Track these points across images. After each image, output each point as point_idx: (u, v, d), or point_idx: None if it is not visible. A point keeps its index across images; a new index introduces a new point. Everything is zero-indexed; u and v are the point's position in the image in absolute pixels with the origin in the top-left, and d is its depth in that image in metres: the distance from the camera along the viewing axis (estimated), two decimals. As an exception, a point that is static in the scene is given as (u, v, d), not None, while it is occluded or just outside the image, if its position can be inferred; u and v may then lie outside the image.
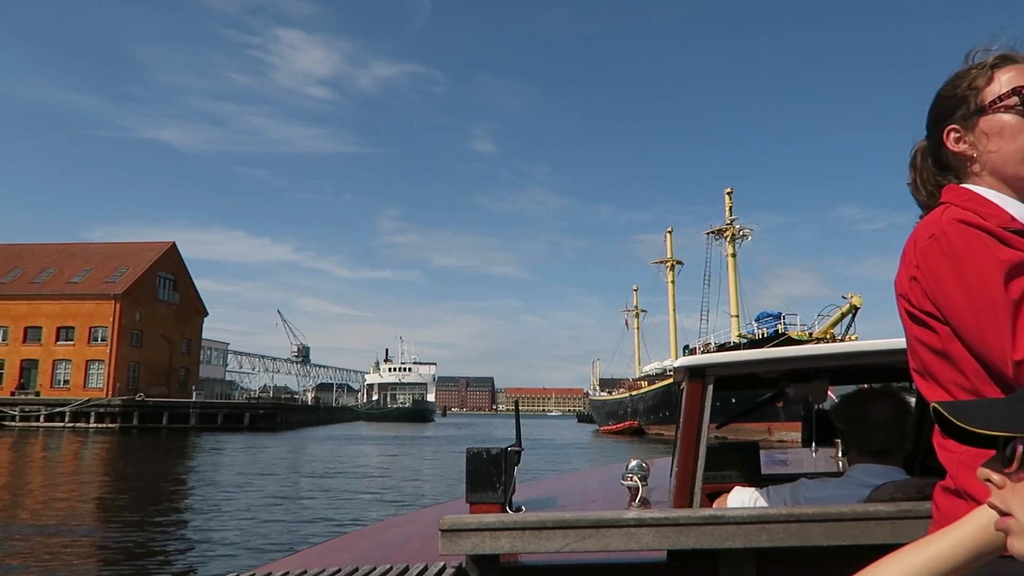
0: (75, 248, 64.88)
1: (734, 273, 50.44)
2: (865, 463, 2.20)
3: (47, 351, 57.53)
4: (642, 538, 2.01)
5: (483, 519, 2.09)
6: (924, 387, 1.11)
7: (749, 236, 50.07)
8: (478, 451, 2.73)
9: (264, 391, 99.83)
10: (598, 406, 76.35)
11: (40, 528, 11.68)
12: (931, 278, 1.04)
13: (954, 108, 1.18)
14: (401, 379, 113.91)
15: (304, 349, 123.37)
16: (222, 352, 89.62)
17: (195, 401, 51.67)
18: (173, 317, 64.85)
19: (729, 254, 50.69)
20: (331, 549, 3.49)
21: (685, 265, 64.09)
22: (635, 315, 76.99)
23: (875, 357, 2.25)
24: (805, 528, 1.96)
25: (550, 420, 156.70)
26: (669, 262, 63.47)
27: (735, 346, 43.79)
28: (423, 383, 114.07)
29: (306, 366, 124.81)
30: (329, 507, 14.87)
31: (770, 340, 39.82)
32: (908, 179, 1.31)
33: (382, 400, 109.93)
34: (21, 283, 60.08)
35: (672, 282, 63.28)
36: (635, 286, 78.44)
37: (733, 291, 50.15)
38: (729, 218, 50.60)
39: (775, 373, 2.67)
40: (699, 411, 2.31)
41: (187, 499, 16.32)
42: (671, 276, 63.45)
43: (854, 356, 2.31)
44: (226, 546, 10.74)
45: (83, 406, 47.89)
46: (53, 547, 10.31)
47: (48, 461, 26.57)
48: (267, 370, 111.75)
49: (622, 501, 3.08)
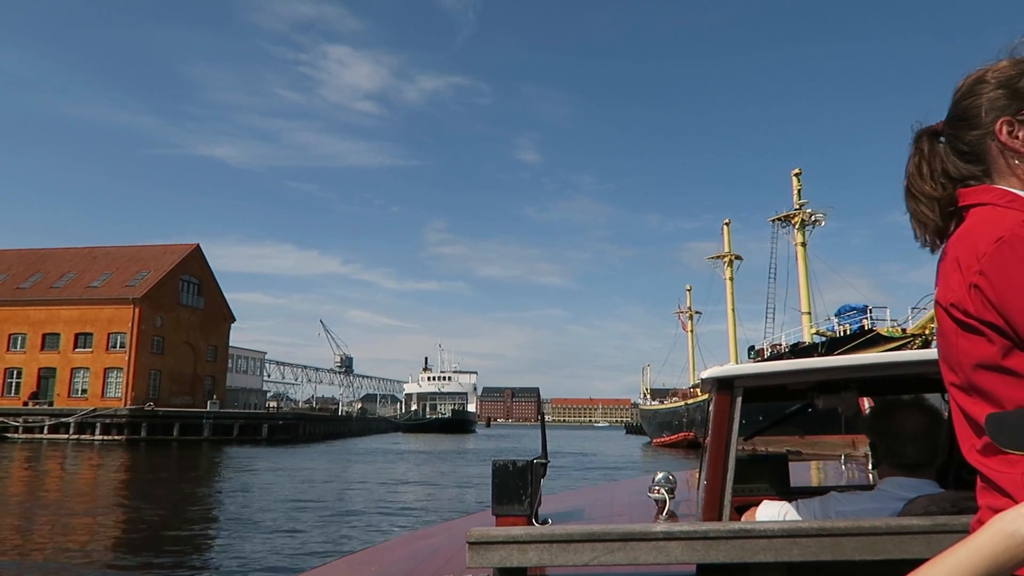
0: (98, 252, 62.21)
1: (804, 264, 44.58)
2: (897, 476, 2.16)
3: (65, 359, 54.66)
4: (671, 552, 1.98)
5: (510, 531, 2.07)
6: (968, 402, 1.03)
7: (822, 221, 44.07)
8: (504, 463, 2.80)
9: (308, 402, 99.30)
10: (649, 416, 70.51)
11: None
12: (1003, 284, 0.95)
13: (1010, 101, 1.11)
14: (441, 388, 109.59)
15: (347, 359, 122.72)
16: (259, 362, 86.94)
17: (208, 411, 47.68)
18: (198, 323, 61.57)
19: (798, 243, 44.82)
20: (358, 562, 3.47)
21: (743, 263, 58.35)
22: (689, 317, 71.03)
23: (907, 368, 2.24)
24: (837, 542, 1.91)
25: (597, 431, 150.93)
26: (727, 257, 57.61)
27: (810, 346, 38.09)
28: (463, 392, 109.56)
29: (349, 376, 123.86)
30: (355, 520, 14.86)
31: (854, 338, 34.12)
32: (909, 167, 1.20)
33: (421, 410, 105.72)
34: (40, 288, 57.51)
35: (730, 279, 57.43)
36: (688, 286, 72.58)
37: (804, 285, 44.28)
38: (798, 202, 44.76)
39: (805, 384, 2.58)
40: (728, 423, 2.31)
41: (196, 521, 15.26)
42: (729, 272, 57.60)
43: (886, 367, 2.28)
44: (250, 561, 10.59)
45: (88, 416, 44.45)
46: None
47: (20, 482, 22.75)
48: (309, 380, 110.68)
49: (649, 514, 3.17)
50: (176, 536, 12.80)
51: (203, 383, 61.45)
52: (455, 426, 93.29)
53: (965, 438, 1.05)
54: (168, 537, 12.66)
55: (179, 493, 20.23)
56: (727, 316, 56.95)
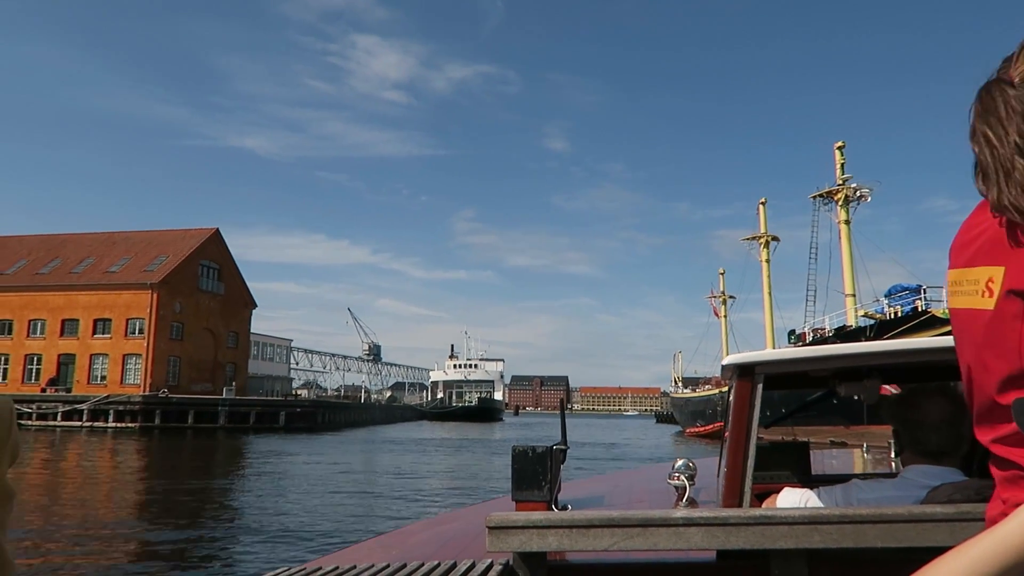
0: (117, 237, 61.34)
1: (848, 244, 41.74)
2: (921, 464, 2.15)
3: (84, 345, 53.86)
4: (691, 538, 1.98)
5: (530, 517, 2.07)
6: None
7: (868, 197, 41.11)
8: (523, 449, 2.85)
9: (337, 390, 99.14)
10: (681, 405, 68.00)
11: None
12: None
13: None
14: (467, 376, 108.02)
15: (375, 348, 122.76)
16: (285, 349, 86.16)
17: (224, 398, 46.30)
18: (218, 309, 60.45)
19: (842, 220, 41.93)
20: (380, 545, 3.54)
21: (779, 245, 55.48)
22: (722, 302, 68.11)
23: (932, 355, 2.22)
24: (859, 529, 1.91)
25: (626, 420, 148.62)
26: (763, 238, 54.68)
27: (857, 329, 35.47)
28: (490, 380, 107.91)
29: (377, 365, 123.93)
30: (376, 504, 15.03)
31: (906, 320, 31.47)
32: (985, 132, 0.91)
33: (447, 398, 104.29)
34: (59, 274, 56.77)
35: (767, 261, 54.53)
36: (721, 269, 69.32)
37: (848, 265, 41.46)
38: (841, 177, 41.88)
39: (826, 371, 2.58)
40: (749, 410, 2.30)
41: (218, 508, 15.26)
42: (765, 254, 54.66)
43: (909, 354, 2.27)
44: (273, 543, 10.70)
45: (101, 403, 43.33)
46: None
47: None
48: (338, 368, 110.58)
49: (668, 500, 3.20)
50: (186, 524, 12.60)
51: (224, 370, 60.36)
52: (481, 414, 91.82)
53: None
54: (178, 525, 12.45)
55: (186, 482, 19.65)
56: (763, 300, 54.18)
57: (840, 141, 42.25)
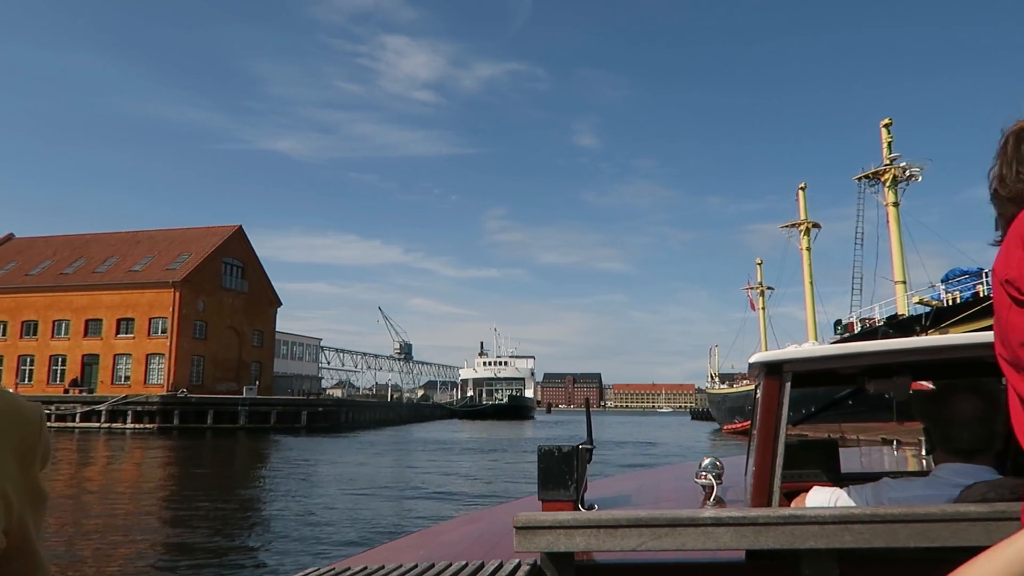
0: (141, 236, 60.79)
1: (897, 227, 39.00)
2: (953, 462, 2.11)
3: (107, 345, 53.26)
4: (719, 537, 1.97)
5: (558, 517, 2.07)
6: (1019, 381, 1.01)
7: (918, 176, 38.33)
8: (549, 449, 2.82)
9: (369, 389, 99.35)
10: (718, 401, 65.46)
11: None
12: None
13: None
14: (497, 373, 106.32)
15: (406, 346, 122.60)
16: (314, 348, 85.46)
17: (244, 398, 45.11)
18: (242, 307, 59.50)
19: (889, 203, 39.22)
20: (407, 545, 3.57)
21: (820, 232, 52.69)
22: (760, 293, 65.24)
23: (964, 352, 2.18)
24: (891, 529, 1.89)
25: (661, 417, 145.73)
26: (803, 225, 51.98)
27: (911, 318, 32.93)
28: (520, 378, 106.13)
29: (408, 363, 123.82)
30: (402, 504, 15.08)
31: (965, 307, 28.95)
32: (993, 170, 1.15)
33: (477, 396, 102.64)
34: (83, 274, 56.30)
35: (807, 249, 51.85)
36: (759, 259, 66.30)
37: (897, 250, 38.76)
38: (888, 156, 39.21)
39: (855, 368, 2.53)
40: (777, 408, 2.28)
41: (246, 506, 15.62)
42: (806, 242, 51.96)
43: (941, 351, 2.23)
44: (301, 543, 10.76)
45: (119, 404, 42.42)
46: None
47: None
48: (369, 367, 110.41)
49: (696, 500, 3.16)
50: (208, 525, 12.55)
51: (249, 369, 59.44)
52: (512, 412, 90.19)
53: (1019, 420, 1.03)
54: (199, 527, 12.38)
55: (206, 483, 19.34)
56: (804, 291, 51.53)
57: (887, 118, 39.58)
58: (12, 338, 54.80)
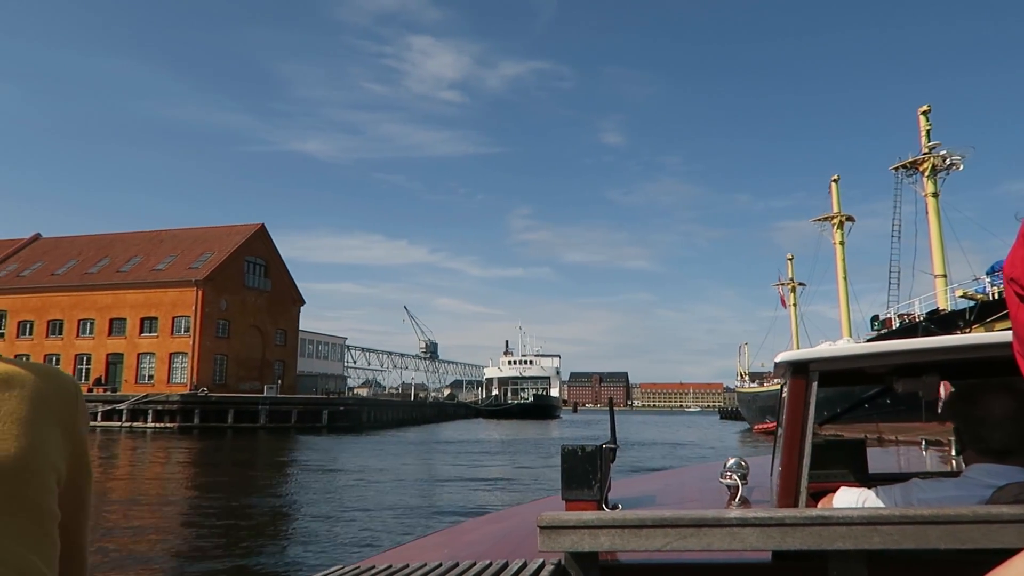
0: (165, 235, 60.88)
1: (937, 218, 37.34)
2: (984, 463, 2.07)
3: (131, 344, 53.32)
4: (746, 538, 1.95)
5: (582, 516, 2.06)
6: None
7: (959, 165, 36.66)
8: (573, 448, 2.80)
9: (396, 388, 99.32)
10: (748, 400, 63.82)
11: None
12: None
13: None
14: (522, 372, 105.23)
15: (432, 345, 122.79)
16: (339, 347, 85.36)
17: (264, 397, 44.68)
18: (265, 306, 59.32)
19: (928, 193, 37.61)
20: (431, 544, 3.52)
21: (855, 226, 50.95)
22: (791, 289, 63.50)
23: (994, 351, 2.13)
24: (921, 530, 1.85)
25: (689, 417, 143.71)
26: (836, 218, 50.27)
27: (953, 313, 31.38)
28: (546, 376, 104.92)
29: (434, 362, 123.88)
30: (428, 502, 15.14)
31: (1013, 300, 27.32)
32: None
33: (502, 395, 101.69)
34: (107, 273, 56.48)
35: (841, 243, 50.18)
36: (789, 254, 64.46)
37: (937, 242, 37.10)
38: (927, 145, 37.57)
39: (883, 368, 2.49)
40: (803, 408, 2.28)
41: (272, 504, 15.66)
42: (839, 236, 50.25)
43: (971, 349, 2.20)
44: (325, 543, 10.80)
45: (140, 403, 42.22)
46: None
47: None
48: (395, 367, 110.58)
49: (721, 500, 3.17)
50: (229, 525, 12.46)
51: (272, 368, 59.23)
52: (537, 411, 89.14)
53: None
54: (220, 527, 12.30)
55: (226, 483, 19.26)
56: (837, 285, 49.87)
57: (925, 105, 37.96)
58: (38, 337, 55.13)
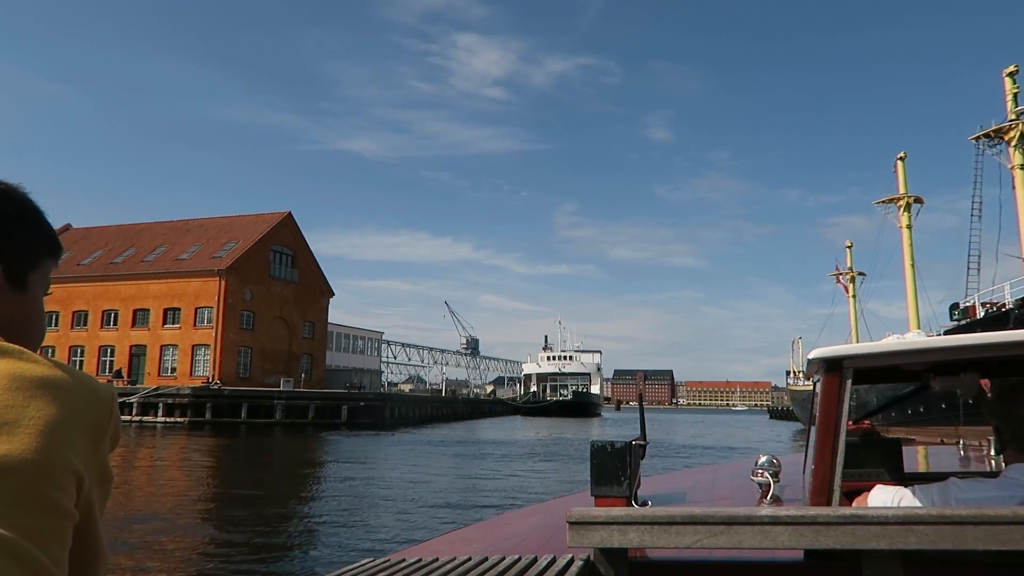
0: (191, 224, 59.28)
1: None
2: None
3: (154, 335, 51.71)
4: (777, 536, 1.93)
5: (611, 512, 2.06)
6: None
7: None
8: (602, 445, 2.84)
9: (436, 385, 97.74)
10: (801, 399, 59.45)
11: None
12: None
13: None
14: (561, 368, 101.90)
15: (473, 341, 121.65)
16: (375, 342, 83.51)
17: (280, 391, 42.29)
18: (292, 297, 57.21)
19: (1015, 165, 33.25)
20: (461, 538, 3.59)
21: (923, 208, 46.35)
22: (850, 279, 58.77)
23: None
24: (958, 531, 1.80)
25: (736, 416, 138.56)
26: (903, 200, 45.73)
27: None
28: (586, 373, 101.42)
29: (476, 359, 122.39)
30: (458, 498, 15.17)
31: None
32: None
33: (540, 392, 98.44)
34: (132, 263, 55.03)
35: (908, 227, 45.68)
36: (848, 242, 59.62)
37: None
38: (1014, 110, 33.15)
39: (920, 365, 2.44)
40: (837, 405, 2.23)
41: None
42: (906, 219, 45.66)
43: (1011, 347, 2.10)
44: (356, 536, 10.94)
45: (150, 396, 40.21)
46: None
47: None
48: (436, 362, 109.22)
49: (752, 498, 3.11)
50: (251, 520, 12.30)
51: (300, 361, 57.12)
52: (577, 409, 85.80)
53: None
54: (241, 521, 12.17)
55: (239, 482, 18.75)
56: (904, 272, 45.38)
57: (1012, 65, 33.51)
58: (63, 328, 53.93)
